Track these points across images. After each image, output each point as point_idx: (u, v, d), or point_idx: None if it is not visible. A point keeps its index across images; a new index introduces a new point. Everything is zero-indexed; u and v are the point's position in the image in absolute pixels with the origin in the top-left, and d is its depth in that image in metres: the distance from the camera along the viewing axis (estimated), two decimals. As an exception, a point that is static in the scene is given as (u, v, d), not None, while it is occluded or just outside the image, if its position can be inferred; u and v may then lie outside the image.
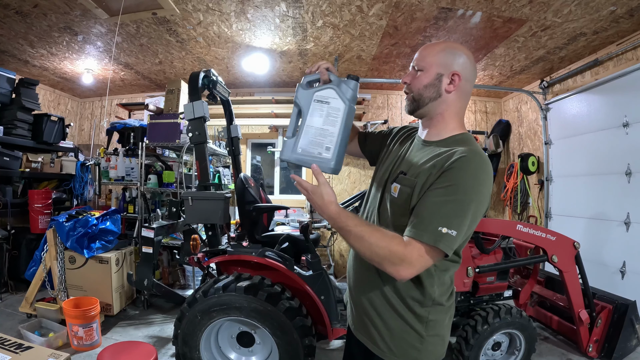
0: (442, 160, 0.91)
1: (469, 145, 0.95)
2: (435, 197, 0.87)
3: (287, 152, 1.00)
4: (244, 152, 5.28)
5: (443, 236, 0.84)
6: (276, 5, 2.90)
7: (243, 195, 2.37)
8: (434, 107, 1.01)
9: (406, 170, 1.00)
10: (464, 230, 0.87)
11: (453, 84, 0.99)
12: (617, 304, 2.54)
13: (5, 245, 3.42)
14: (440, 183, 0.88)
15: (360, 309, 1.07)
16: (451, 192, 0.86)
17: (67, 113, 5.52)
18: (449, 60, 0.99)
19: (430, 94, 1.00)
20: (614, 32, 3.16)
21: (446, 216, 0.85)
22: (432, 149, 0.99)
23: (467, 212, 0.86)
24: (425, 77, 1.00)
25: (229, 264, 2.31)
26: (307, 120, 0.99)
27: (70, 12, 3.01)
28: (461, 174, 0.87)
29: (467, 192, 0.86)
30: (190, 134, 2.19)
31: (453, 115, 1.02)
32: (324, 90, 1.01)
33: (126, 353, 2.04)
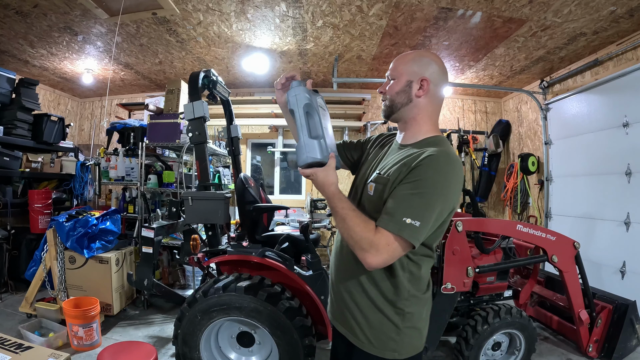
0: (412, 158, 0.98)
1: (440, 146, 1.01)
2: (403, 190, 0.94)
3: (323, 151, 0.98)
4: (244, 152, 5.28)
5: (406, 226, 0.90)
6: (276, 5, 2.90)
7: (243, 195, 2.37)
8: (406, 112, 1.09)
9: (381, 170, 1.08)
10: (429, 222, 0.92)
11: (422, 89, 1.06)
12: (617, 304, 2.54)
13: (5, 245, 3.42)
14: (408, 178, 0.95)
15: (340, 301, 1.13)
16: (417, 187, 0.93)
17: (67, 113, 5.52)
18: (418, 67, 1.07)
19: (402, 99, 1.08)
20: (614, 32, 3.16)
21: (411, 208, 0.91)
22: (407, 150, 1.06)
23: (432, 205, 0.92)
24: (396, 85, 1.09)
25: (229, 264, 2.31)
26: (323, 123, 1.03)
27: (70, 12, 3.02)
28: (428, 170, 0.93)
29: (433, 187, 0.92)
30: (190, 134, 2.19)
31: (426, 118, 1.09)
32: (319, 98, 1.09)
33: (126, 353, 2.04)
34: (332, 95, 5.02)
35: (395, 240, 0.91)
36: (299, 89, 1.01)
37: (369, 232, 0.92)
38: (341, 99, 5.04)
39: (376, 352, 1.04)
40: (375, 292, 1.04)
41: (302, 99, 1.00)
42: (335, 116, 5.00)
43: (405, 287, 1.02)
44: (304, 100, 1.00)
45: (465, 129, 5.26)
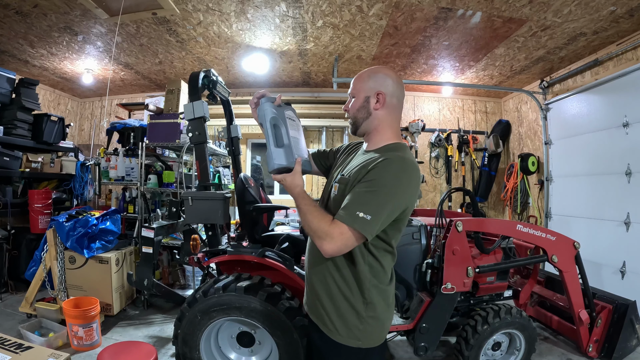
0: (370, 161, 1.09)
1: (398, 152, 1.13)
2: (358, 188, 1.06)
3: (288, 158, 1.12)
4: (244, 152, 5.28)
5: (359, 219, 1.00)
6: (276, 5, 2.90)
7: (243, 195, 2.37)
8: (368, 125, 1.20)
9: (345, 172, 1.20)
10: (380, 217, 1.02)
11: (379, 102, 1.17)
12: (617, 304, 2.54)
13: (5, 245, 3.42)
14: (365, 178, 1.06)
15: (312, 291, 1.23)
16: (371, 185, 1.04)
17: (67, 113, 5.52)
18: (373, 83, 1.18)
19: (362, 114, 1.20)
20: (614, 32, 3.16)
21: (363, 203, 1.02)
22: (369, 155, 1.17)
23: (383, 202, 1.03)
24: (356, 102, 1.20)
25: (229, 264, 2.31)
26: (291, 133, 1.16)
27: (70, 12, 3.02)
28: (382, 171, 1.05)
29: (385, 186, 1.04)
30: (190, 134, 2.19)
31: (387, 127, 1.20)
32: (288, 110, 1.22)
33: (126, 353, 2.04)
34: (332, 95, 5.02)
35: (349, 231, 1.01)
36: (266, 105, 1.16)
37: (325, 223, 1.04)
38: (341, 99, 5.04)
39: (342, 340, 1.13)
40: (341, 281, 1.14)
41: (268, 113, 1.14)
42: (335, 116, 5.00)
43: (366, 277, 1.12)
44: (270, 114, 1.14)
45: (465, 129, 5.26)
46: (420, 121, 5.11)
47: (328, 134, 5.19)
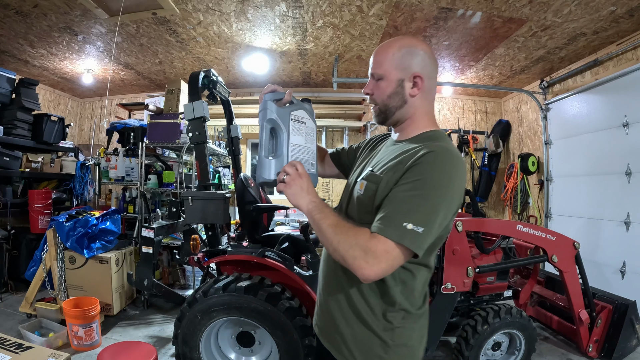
0: (409, 155, 0.88)
1: (439, 141, 0.91)
2: (401, 192, 0.83)
3: (271, 173, 0.94)
4: (244, 152, 5.28)
5: (407, 232, 0.78)
6: (276, 5, 2.90)
7: (243, 195, 2.37)
8: (402, 114, 0.98)
9: (374, 167, 0.98)
10: (434, 227, 0.81)
11: (417, 86, 0.95)
12: (617, 304, 2.54)
13: (5, 245, 3.42)
14: (407, 178, 0.84)
15: (327, 314, 1.03)
16: (418, 187, 0.82)
17: (67, 113, 5.52)
18: (407, 61, 0.94)
19: (396, 102, 0.97)
20: (614, 32, 3.16)
21: (412, 212, 0.80)
22: (402, 146, 0.96)
23: (435, 208, 0.81)
24: (387, 86, 0.96)
25: (229, 264, 2.31)
26: (291, 139, 0.97)
27: (70, 12, 3.02)
28: (428, 168, 0.83)
29: (435, 187, 0.82)
30: (190, 134, 2.19)
31: (423, 115, 0.99)
32: (298, 110, 1.02)
33: (126, 353, 2.04)
34: (332, 95, 5.02)
35: (396, 248, 0.79)
36: (265, 103, 0.99)
37: (362, 239, 0.80)
38: (341, 99, 5.04)
39: None
40: (363, 304, 0.94)
41: (265, 114, 0.98)
42: (335, 116, 5.00)
43: (396, 300, 0.91)
44: (267, 115, 0.97)
45: (465, 129, 5.26)
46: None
47: (328, 134, 5.19)
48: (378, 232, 0.80)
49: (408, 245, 0.79)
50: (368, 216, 0.89)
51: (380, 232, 0.80)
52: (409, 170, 0.85)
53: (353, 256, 0.80)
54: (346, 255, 0.81)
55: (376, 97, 0.99)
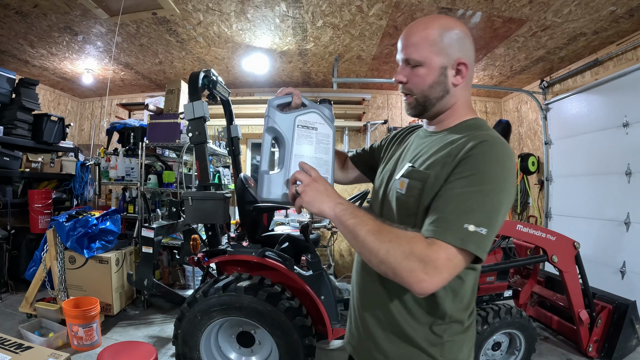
0: (458, 147, 0.78)
1: (485, 129, 0.82)
2: (457, 188, 0.73)
3: (276, 189, 0.83)
4: (244, 152, 5.28)
5: (471, 235, 0.68)
6: (276, 5, 2.89)
7: (243, 195, 2.37)
8: (443, 105, 0.87)
9: (414, 162, 0.86)
10: (496, 227, 0.72)
11: (460, 74, 0.84)
12: (617, 304, 2.54)
13: (5, 245, 3.42)
14: (461, 172, 0.74)
15: (364, 331, 0.92)
16: (475, 182, 0.72)
17: (67, 113, 5.52)
18: (449, 45, 0.82)
19: (437, 93, 0.85)
20: (614, 32, 3.16)
21: (472, 211, 0.70)
22: (442, 137, 0.86)
23: (497, 205, 0.72)
24: (428, 75, 0.83)
25: (229, 264, 2.31)
26: (295, 149, 0.85)
27: (70, 12, 3.01)
28: (485, 160, 0.73)
29: (494, 181, 0.72)
30: (190, 134, 2.19)
31: (463, 104, 0.89)
32: (307, 114, 0.88)
33: (126, 353, 2.04)
34: (332, 95, 5.02)
35: (459, 254, 0.69)
36: (268, 109, 0.87)
37: (419, 247, 0.68)
38: (341, 99, 5.04)
39: None
40: (407, 319, 0.84)
41: (266, 121, 0.87)
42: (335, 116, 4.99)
43: (446, 311, 0.82)
44: (267, 123, 0.86)
45: (465, 129, 5.25)
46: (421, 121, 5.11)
47: (328, 134, 5.18)
48: (436, 237, 0.69)
49: (472, 250, 0.69)
50: (411, 219, 0.81)
51: (440, 237, 0.69)
52: (462, 163, 0.74)
53: (409, 268, 0.67)
54: (399, 267, 0.68)
55: (413, 87, 0.86)
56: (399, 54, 0.87)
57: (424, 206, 0.79)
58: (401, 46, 0.86)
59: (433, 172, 0.79)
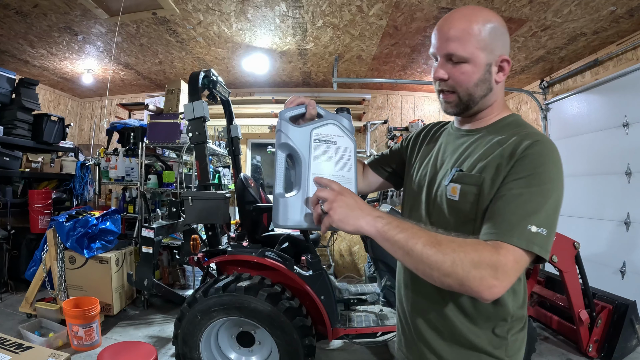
0: (510, 146, 0.76)
1: (529, 128, 0.82)
2: (516, 189, 0.71)
3: (294, 213, 0.74)
4: (244, 152, 5.28)
5: (535, 236, 0.67)
6: (276, 5, 2.89)
7: (243, 195, 2.38)
8: (484, 103, 0.85)
9: (461, 166, 0.83)
10: (555, 226, 0.72)
11: (503, 71, 0.82)
12: (617, 304, 2.54)
13: (5, 245, 3.42)
14: (518, 173, 0.72)
15: (420, 342, 0.88)
16: (534, 183, 0.71)
17: (67, 113, 5.52)
18: (494, 41, 0.79)
19: (482, 91, 0.82)
20: (614, 32, 3.16)
21: (533, 212, 0.69)
22: (483, 136, 0.84)
23: (555, 204, 0.72)
24: (474, 72, 0.79)
25: (229, 264, 2.31)
26: (313, 167, 0.76)
27: (70, 12, 3.01)
28: (541, 160, 0.73)
29: (551, 181, 0.72)
30: (190, 134, 2.20)
31: (501, 101, 0.87)
32: (324, 126, 0.80)
33: (126, 353, 2.04)
34: (332, 95, 5.02)
35: (525, 256, 0.67)
36: (280, 123, 0.78)
37: (487, 253, 0.65)
38: (341, 99, 5.04)
39: None
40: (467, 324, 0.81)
41: (278, 138, 0.77)
42: (335, 116, 4.99)
43: (509, 311, 0.81)
44: (280, 139, 0.76)
45: (465, 129, 5.25)
46: (421, 121, 5.10)
47: (328, 134, 5.18)
48: (502, 240, 0.67)
49: (537, 252, 0.67)
50: (468, 226, 0.78)
51: (505, 240, 0.67)
52: (517, 163, 0.73)
53: (479, 276, 0.64)
54: (468, 277, 0.64)
55: (456, 84, 0.81)
56: (437, 49, 0.81)
57: (482, 211, 0.76)
58: (440, 40, 0.80)
59: (487, 175, 0.76)
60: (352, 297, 2.46)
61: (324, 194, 0.71)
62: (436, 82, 0.84)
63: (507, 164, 0.74)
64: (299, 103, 0.83)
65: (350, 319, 2.27)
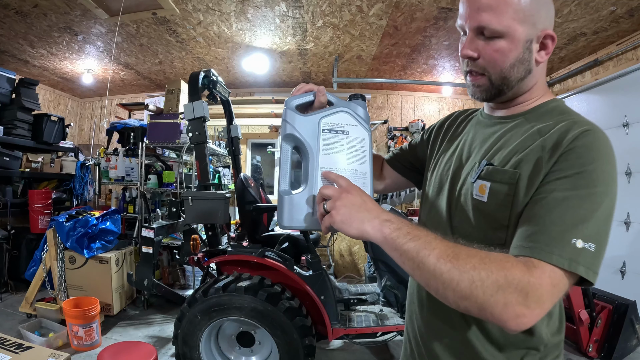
0: (554, 137, 0.61)
1: (574, 114, 0.66)
2: (560, 191, 0.57)
3: (299, 213, 0.67)
4: (244, 152, 5.28)
5: (581, 254, 0.53)
6: (276, 5, 2.90)
7: (243, 195, 2.38)
8: (521, 88, 0.70)
9: (491, 160, 0.68)
10: (606, 240, 0.56)
11: (545, 49, 0.67)
12: (617, 304, 2.54)
13: (5, 245, 3.42)
14: (563, 170, 0.58)
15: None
16: (581, 184, 0.56)
17: (67, 113, 5.52)
18: (536, 12, 0.64)
19: (519, 73, 0.67)
20: (614, 32, 3.16)
21: (580, 222, 0.55)
22: (520, 124, 0.70)
23: (607, 212, 0.56)
24: (511, 50, 0.65)
25: (229, 264, 2.31)
26: (321, 160, 0.68)
27: (70, 12, 3.01)
28: (592, 155, 0.57)
29: (604, 183, 0.57)
30: (190, 134, 2.20)
31: (541, 84, 0.73)
32: (334, 114, 0.71)
33: (126, 353, 2.04)
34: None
35: (565, 278, 0.53)
36: (285, 112, 0.70)
37: (516, 273, 0.52)
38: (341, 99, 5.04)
39: None
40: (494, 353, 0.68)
41: (283, 129, 0.70)
42: (335, 116, 4.99)
43: (542, 338, 0.68)
44: (285, 130, 0.69)
45: (465, 129, 5.25)
46: (421, 121, 5.11)
47: (328, 134, 5.18)
48: (537, 257, 0.54)
49: (582, 273, 0.53)
50: (500, 233, 0.64)
51: (542, 257, 0.53)
52: (562, 158, 0.59)
53: (503, 302, 0.51)
54: (489, 301, 0.52)
55: (488, 65, 0.67)
56: (465, 20, 0.67)
57: (516, 216, 0.62)
58: (470, 9, 0.66)
59: (524, 171, 0.62)
60: (352, 297, 2.46)
61: (328, 191, 0.63)
62: (464, 61, 0.71)
63: (550, 159, 0.60)
64: (307, 90, 0.73)
65: (350, 319, 2.27)
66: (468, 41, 0.68)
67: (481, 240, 0.63)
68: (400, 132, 5.04)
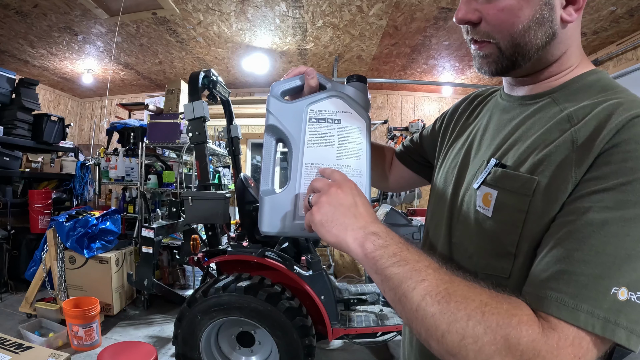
0: (589, 126, 0.43)
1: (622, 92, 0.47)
2: (597, 211, 0.39)
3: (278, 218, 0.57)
4: (244, 152, 5.28)
5: (622, 309, 0.36)
6: (276, 5, 2.90)
7: (243, 195, 2.38)
8: (545, 57, 0.52)
9: (503, 158, 0.51)
10: None
11: (574, 5, 0.49)
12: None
13: (5, 245, 3.42)
14: (602, 179, 0.40)
15: None
16: (631, 201, 0.38)
17: (67, 113, 5.52)
18: None
19: (539, 38, 0.49)
20: (614, 32, 3.16)
21: (627, 259, 0.37)
22: (546, 107, 0.51)
23: None
24: (520, 7, 0.48)
25: (229, 264, 2.31)
26: (306, 155, 0.58)
27: (70, 12, 3.01)
28: None
29: None
30: (190, 134, 2.20)
31: (575, 51, 0.53)
32: (324, 100, 0.59)
33: (126, 353, 2.04)
34: (332, 95, 5.02)
35: (594, 346, 0.37)
36: (269, 100, 0.61)
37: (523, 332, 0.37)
38: (341, 99, 5.05)
39: None
40: None
41: (267, 118, 0.60)
42: (335, 116, 4.99)
43: None
44: (267, 120, 0.60)
45: (465, 129, 5.25)
46: (421, 121, 5.11)
47: (328, 134, 5.18)
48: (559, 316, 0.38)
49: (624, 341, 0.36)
50: (503, 262, 0.48)
51: (567, 317, 0.37)
52: (601, 160, 0.41)
53: None
54: None
55: (493, 28, 0.50)
56: None
57: (530, 242, 0.45)
58: None
59: (544, 177, 0.44)
60: (352, 297, 2.46)
61: (317, 184, 0.52)
62: (464, 28, 0.54)
63: (583, 160, 0.42)
64: (297, 74, 0.63)
65: (350, 319, 2.27)
66: (464, 1, 0.52)
67: (483, 267, 0.50)
68: (400, 132, 5.04)
